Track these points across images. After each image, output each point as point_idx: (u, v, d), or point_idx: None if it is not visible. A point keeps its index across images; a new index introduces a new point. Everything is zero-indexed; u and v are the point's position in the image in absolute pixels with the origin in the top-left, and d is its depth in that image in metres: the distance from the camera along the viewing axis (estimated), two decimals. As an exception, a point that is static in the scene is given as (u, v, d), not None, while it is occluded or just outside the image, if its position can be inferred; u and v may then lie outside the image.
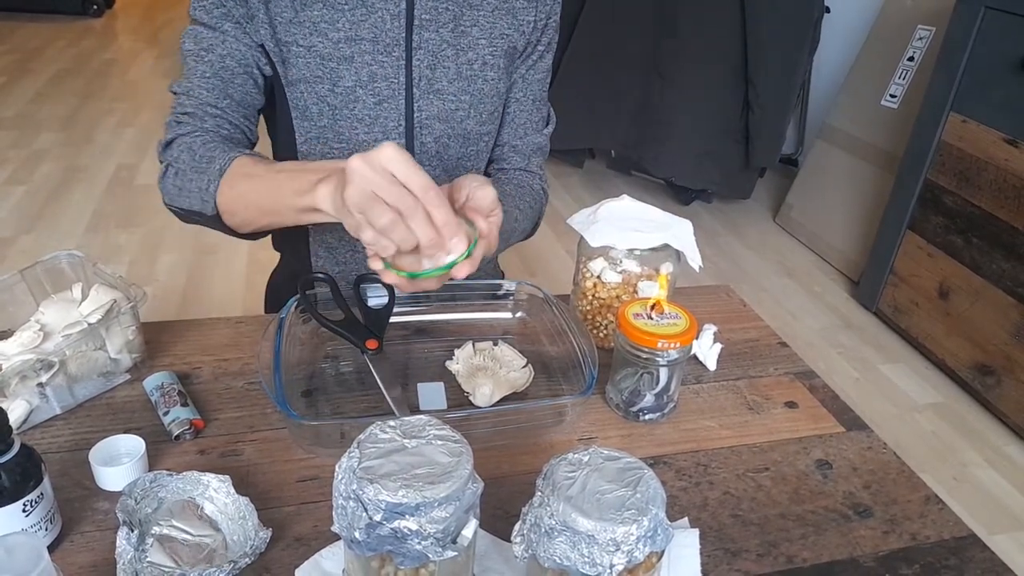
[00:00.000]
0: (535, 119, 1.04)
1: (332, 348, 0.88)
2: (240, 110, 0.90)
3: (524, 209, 1.00)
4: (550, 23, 0.98)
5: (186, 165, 0.84)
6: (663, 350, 0.76)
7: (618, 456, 0.55)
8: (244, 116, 0.91)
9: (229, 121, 0.89)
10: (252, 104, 0.92)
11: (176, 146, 0.87)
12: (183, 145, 0.86)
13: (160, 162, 0.89)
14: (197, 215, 0.85)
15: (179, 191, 0.85)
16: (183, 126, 0.87)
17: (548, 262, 2.76)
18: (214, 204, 0.81)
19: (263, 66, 0.89)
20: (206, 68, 0.87)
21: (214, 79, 0.87)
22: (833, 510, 0.72)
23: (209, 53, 0.87)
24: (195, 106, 0.87)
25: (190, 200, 0.84)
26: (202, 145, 0.84)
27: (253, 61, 0.88)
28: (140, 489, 0.64)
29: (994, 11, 2.09)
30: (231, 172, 0.80)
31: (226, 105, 0.88)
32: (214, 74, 0.87)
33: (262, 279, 1.23)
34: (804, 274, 2.88)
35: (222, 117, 0.88)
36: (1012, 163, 2.05)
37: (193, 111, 0.87)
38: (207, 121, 0.88)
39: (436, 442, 0.53)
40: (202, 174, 0.81)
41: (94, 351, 0.77)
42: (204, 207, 0.82)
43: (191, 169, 0.83)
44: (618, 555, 0.49)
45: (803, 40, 2.98)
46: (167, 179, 0.87)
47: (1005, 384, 2.07)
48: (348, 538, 0.50)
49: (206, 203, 0.82)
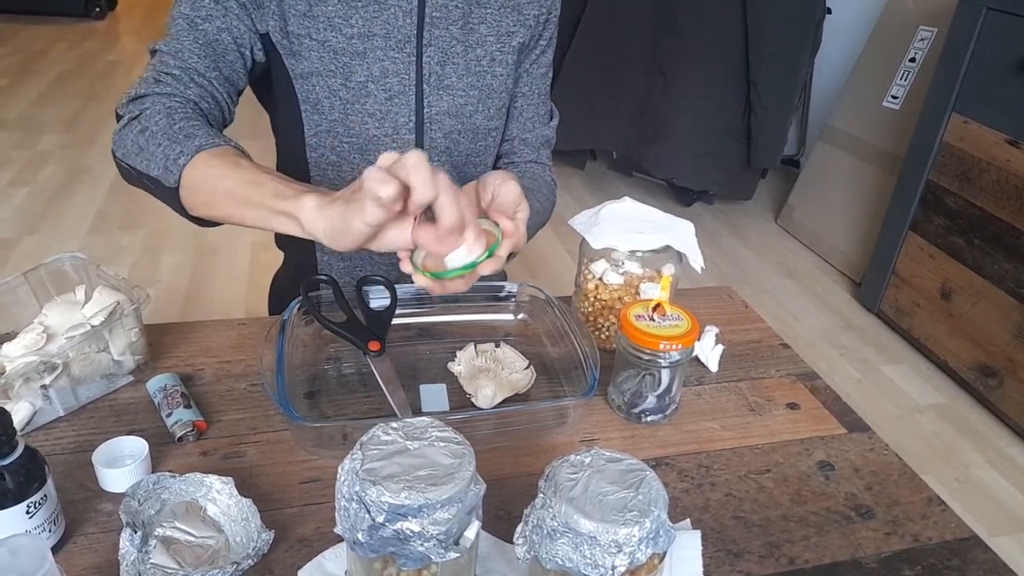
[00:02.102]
0: (541, 113, 1.06)
1: (334, 350, 0.88)
2: (226, 86, 0.87)
3: (543, 201, 1.01)
4: (551, 17, 1.00)
5: (159, 128, 0.78)
6: (665, 351, 0.76)
7: (620, 458, 0.55)
8: (227, 93, 0.88)
9: (212, 95, 0.86)
10: (237, 84, 0.90)
11: (150, 102, 0.81)
12: (159, 105, 0.81)
13: (120, 113, 0.83)
14: (149, 180, 0.79)
15: (140, 150, 0.79)
16: (162, 85, 0.82)
17: (550, 263, 2.76)
18: (178, 177, 0.75)
19: (256, 51, 0.88)
20: (199, 35, 0.84)
21: (206, 48, 0.84)
22: (835, 511, 0.72)
23: (206, 23, 0.84)
24: (181, 69, 0.83)
25: (149, 164, 0.78)
26: (184, 117, 0.79)
27: (248, 43, 0.87)
28: (143, 491, 0.64)
29: (996, 12, 2.09)
30: (212, 153, 0.75)
31: (214, 77, 0.85)
32: (207, 43, 0.84)
33: (264, 280, 1.23)
34: (806, 275, 2.88)
35: (207, 89, 0.85)
36: (1014, 164, 2.04)
37: (178, 74, 0.83)
38: (191, 88, 0.84)
39: (438, 444, 0.53)
40: (176, 143, 0.76)
41: (97, 353, 0.77)
42: (165, 176, 0.76)
43: (163, 135, 0.77)
44: (620, 557, 0.49)
45: (805, 41, 2.98)
46: (127, 132, 0.81)
47: (1007, 385, 2.07)
48: (351, 539, 0.50)
49: (169, 172, 0.76)
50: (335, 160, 0.95)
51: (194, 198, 0.77)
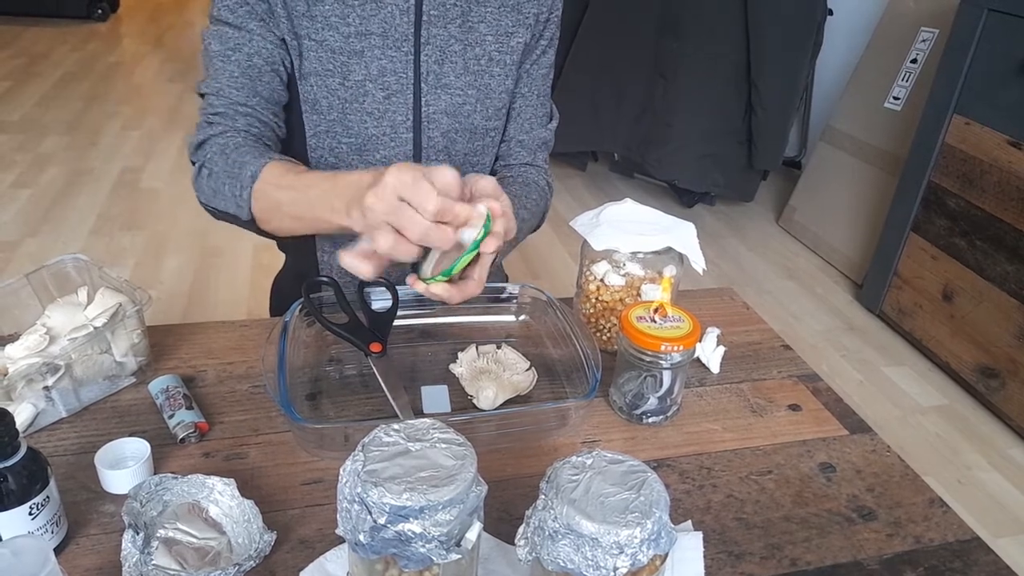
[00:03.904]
0: (540, 114, 1.06)
1: (336, 351, 0.88)
2: (269, 107, 0.91)
3: (530, 207, 1.01)
4: (552, 17, 1.00)
5: (219, 168, 0.85)
6: (666, 353, 0.76)
7: (622, 459, 0.55)
8: (273, 113, 0.92)
9: (259, 119, 0.90)
10: (279, 100, 0.92)
11: (209, 147, 0.87)
12: (216, 146, 0.86)
13: (192, 162, 0.90)
14: (232, 217, 0.86)
15: (214, 193, 0.86)
16: (214, 127, 0.88)
17: (551, 265, 2.76)
18: (249, 210, 0.82)
19: (286, 62, 0.91)
20: (234, 68, 0.88)
21: (242, 78, 0.88)
22: (837, 513, 0.72)
23: (236, 52, 0.87)
24: (225, 106, 0.88)
25: (225, 203, 0.85)
26: (235, 148, 0.85)
27: (278, 58, 0.89)
28: (145, 492, 0.64)
29: (997, 13, 2.09)
30: (263, 180, 0.81)
31: (256, 103, 0.89)
32: (242, 73, 0.88)
33: (267, 281, 1.23)
34: (807, 276, 2.88)
35: (252, 115, 0.89)
36: (1015, 165, 2.04)
37: (224, 111, 0.88)
38: (238, 120, 0.88)
39: (440, 445, 0.53)
40: (235, 180, 0.82)
41: (99, 354, 0.77)
42: (239, 212, 0.84)
43: (224, 173, 0.84)
44: (622, 558, 0.49)
45: (806, 42, 2.98)
46: (201, 179, 0.88)
47: (1009, 387, 2.06)
48: (352, 541, 0.50)
49: (241, 208, 0.83)
50: (333, 162, 0.96)
51: (270, 226, 0.84)
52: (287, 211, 0.80)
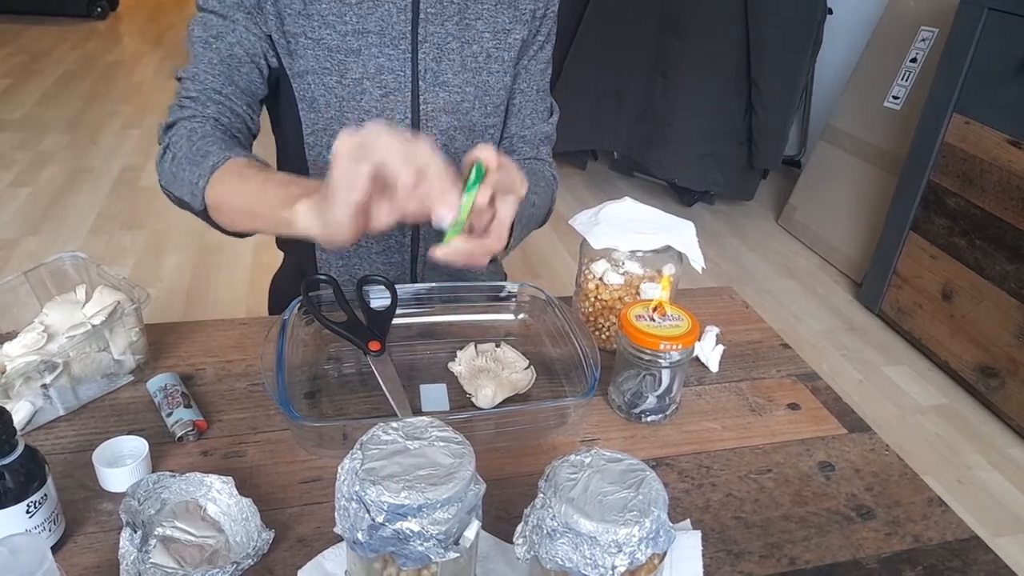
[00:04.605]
0: (540, 109, 1.06)
1: (335, 349, 0.88)
2: (244, 98, 0.90)
3: (540, 194, 1.01)
4: (548, 12, 0.99)
5: (182, 152, 0.83)
6: (665, 352, 0.76)
7: (620, 458, 0.55)
8: (247, 105, 0.91)
9: (231, 109, 0.89)
10: (256, 93, 0.92)
11: (176, 129, 0.86)
12: (183, 130, 0.85)
13: (159, 143, 0.88)
14: (187, 205, 0.84)
15: (173, 177, 0.84)
16: (185, 110, 0.87)
17: (550, 264, 2.76)
18: (203, 199, 0.80)
19: (270, 57, 0.90)
20: (213, 55, 0.87)
21: (220, 66, 0.88)
22: (836, 512, 0.72)
23: (218, 41, 0.87)
24: (199, 91, 0.87)
25: (181, 189, 0.83)
26: (201, 137, 0.84)
27: (261, 51, 0.89)
28: (143, 490, 0.64)
29: (997, 12, 2.09)
30: (224, 170, 0.79)
31: (230, 92, 0.89)
32: (221, 61, 0.87)
33: (266, 280, 1.23)
34: (807, 276, 2.88)
35: (224, 104, 0.88)
36: (1015, 164, 2.04)
37: (196, 95, 0.87)
38: (209, 107, 0.87)
39: (438, 443, 0.53)
40: (195, 167, 0.80)
41: (98, 352, 0.77)
42: (193, 200, 0.81)
43: (186, 159, 0.82)
44: (620, 557, 0.49)
45: (806, 41, 2.98)
46: (164, 162, 0.86)
47: (1009, 386, 2.06)
48: (350, 539, 0.50)
49: (195, 197, 0.81)
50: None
51: (220, 216, 0.82)
52: (239, 201, 0.78)
